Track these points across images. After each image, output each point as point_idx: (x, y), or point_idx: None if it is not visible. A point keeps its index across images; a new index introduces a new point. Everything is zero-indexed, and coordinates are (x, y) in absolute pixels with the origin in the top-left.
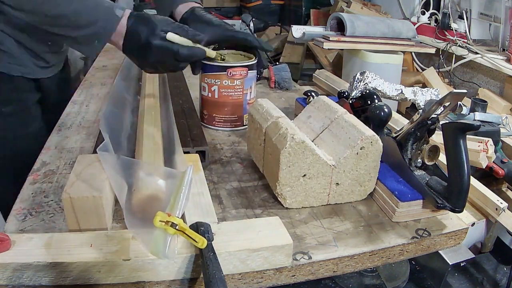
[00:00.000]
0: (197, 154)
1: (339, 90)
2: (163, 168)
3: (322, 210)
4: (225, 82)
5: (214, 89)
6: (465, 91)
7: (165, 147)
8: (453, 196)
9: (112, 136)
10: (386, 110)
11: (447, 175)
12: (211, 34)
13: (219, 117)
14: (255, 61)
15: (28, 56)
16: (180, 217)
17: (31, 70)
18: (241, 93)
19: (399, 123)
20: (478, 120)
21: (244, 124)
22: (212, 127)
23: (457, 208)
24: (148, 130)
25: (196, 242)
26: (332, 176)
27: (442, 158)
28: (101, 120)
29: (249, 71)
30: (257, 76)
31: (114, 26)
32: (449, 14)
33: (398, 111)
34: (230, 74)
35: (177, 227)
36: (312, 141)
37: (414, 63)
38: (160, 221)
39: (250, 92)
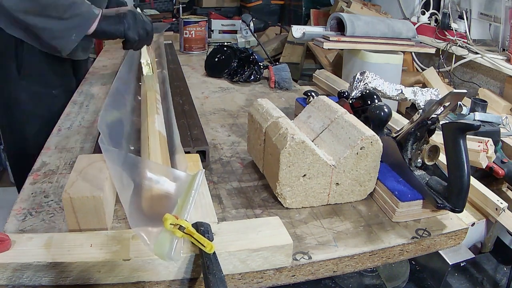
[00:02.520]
0: (197, 154)
1: (339, 90)
2: (172, 170)
3: (322, 210)
4: (198, 29)
5: (192, 32)
6: (465, 91)
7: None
8: (453, 196)
9: (112, 135)
10: (386, 110)
11: (447, 175)
12: None
13: (195, 46)
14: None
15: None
16: (187, 220)
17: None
18: (205, 33)
19: (399, 123)
20: (478, 120)
21: (205, 49)
22: (190, 52)
23: (457, 208)
24: (152, 130)
25: (204, 246)
26: (332, 176)
27: (442, 158)
28: (99, 120)
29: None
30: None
31: (91, 22)
32: (449, 14)
33: (398, 111)
34: (200, 24)
35: (184, 230)
36: (312, 141)
37: (414, 63)
38: (170, 224)
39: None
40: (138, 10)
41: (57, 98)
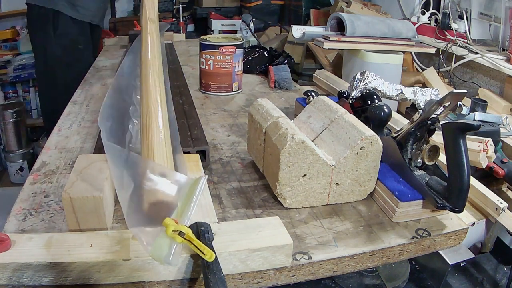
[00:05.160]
0: (197, 154)
1: (339, 90)
2: (174, 172)
3: (322, 210)
4: (218, 57)
5: (210, 63)
6: (465, 91)
7: None
8: (453, 196)
9: (112, 133)
10: (386, 110)
11: (447, 175)
12: None
13: (214, 84)
14: (243, 42)
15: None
16: (188, 226)
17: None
18: (231, 65)
19: (399, 123)
20: (478, 120)
21: (233, 90)
22: (209, 92)
23: (457, 208)
24: (156, 129)
25: (204, 254)
26: (332, 176)
27: (442, 158)
28: (99, 117)
29: (237, 49)
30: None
31: None
32: (449, 14)
33: (398, 111)
34: (222, 51)
35: (184, 236)
36: (312, 141)
37: (414, 63)
38: (172, 231)
39: (238, 65)
40: None
41: (82, 52)
